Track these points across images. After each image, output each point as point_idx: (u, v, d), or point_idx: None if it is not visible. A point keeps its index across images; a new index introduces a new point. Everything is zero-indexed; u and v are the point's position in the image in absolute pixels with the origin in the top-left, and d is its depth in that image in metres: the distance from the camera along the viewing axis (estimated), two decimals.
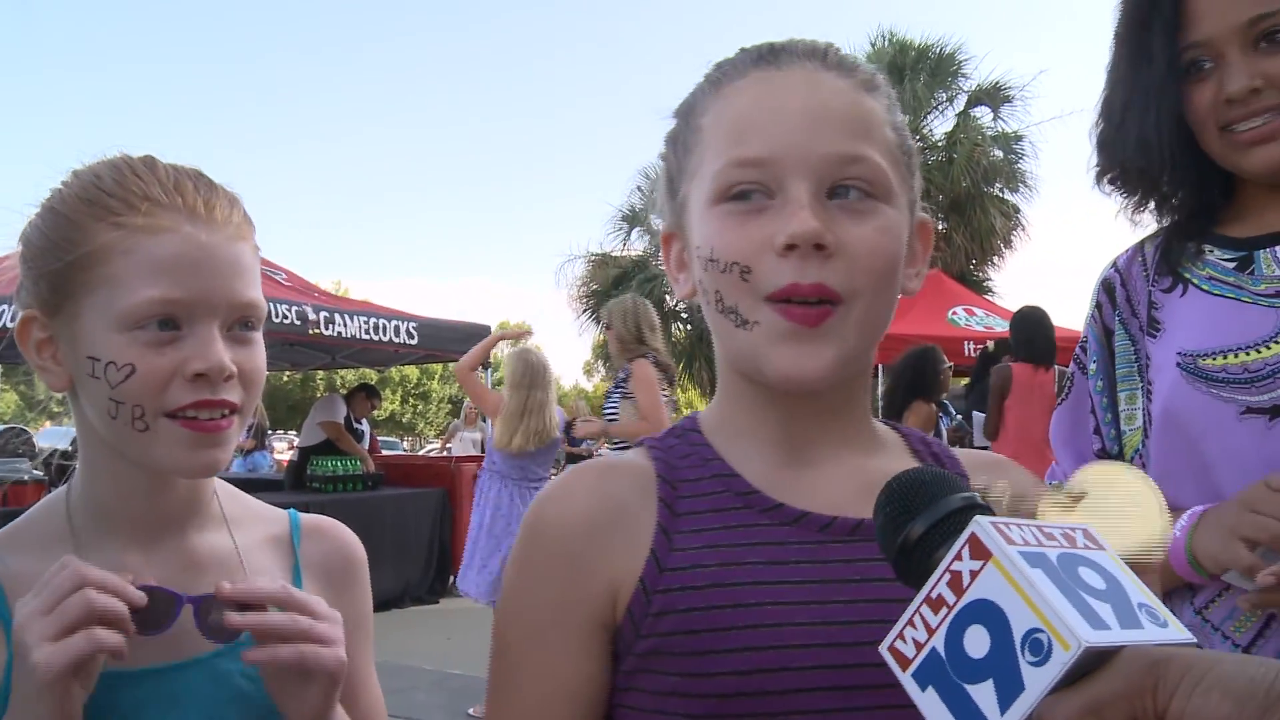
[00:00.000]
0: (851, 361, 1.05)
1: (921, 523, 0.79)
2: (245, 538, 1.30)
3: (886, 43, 24.15)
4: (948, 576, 0.73)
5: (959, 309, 14.11)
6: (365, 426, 11.36)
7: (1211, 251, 1.64)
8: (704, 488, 1.07)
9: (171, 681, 1.17)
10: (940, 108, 24.27)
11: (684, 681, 0.98)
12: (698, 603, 0.99)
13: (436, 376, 65.92)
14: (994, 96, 23.63)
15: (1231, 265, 1.60)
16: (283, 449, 22.09)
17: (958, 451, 1.20)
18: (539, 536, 1.07)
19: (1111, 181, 1.73)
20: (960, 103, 24.18)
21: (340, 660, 1.13)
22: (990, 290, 22.61)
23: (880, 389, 8.53)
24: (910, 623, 0.74)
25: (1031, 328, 7.21)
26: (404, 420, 64.71)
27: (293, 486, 10.45)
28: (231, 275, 1.18)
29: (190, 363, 1.13)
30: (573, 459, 9.52)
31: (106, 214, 1.15)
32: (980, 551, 0.71)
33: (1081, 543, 0.76)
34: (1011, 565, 0.69)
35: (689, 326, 25.37)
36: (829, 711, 0.97)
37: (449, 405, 69.05)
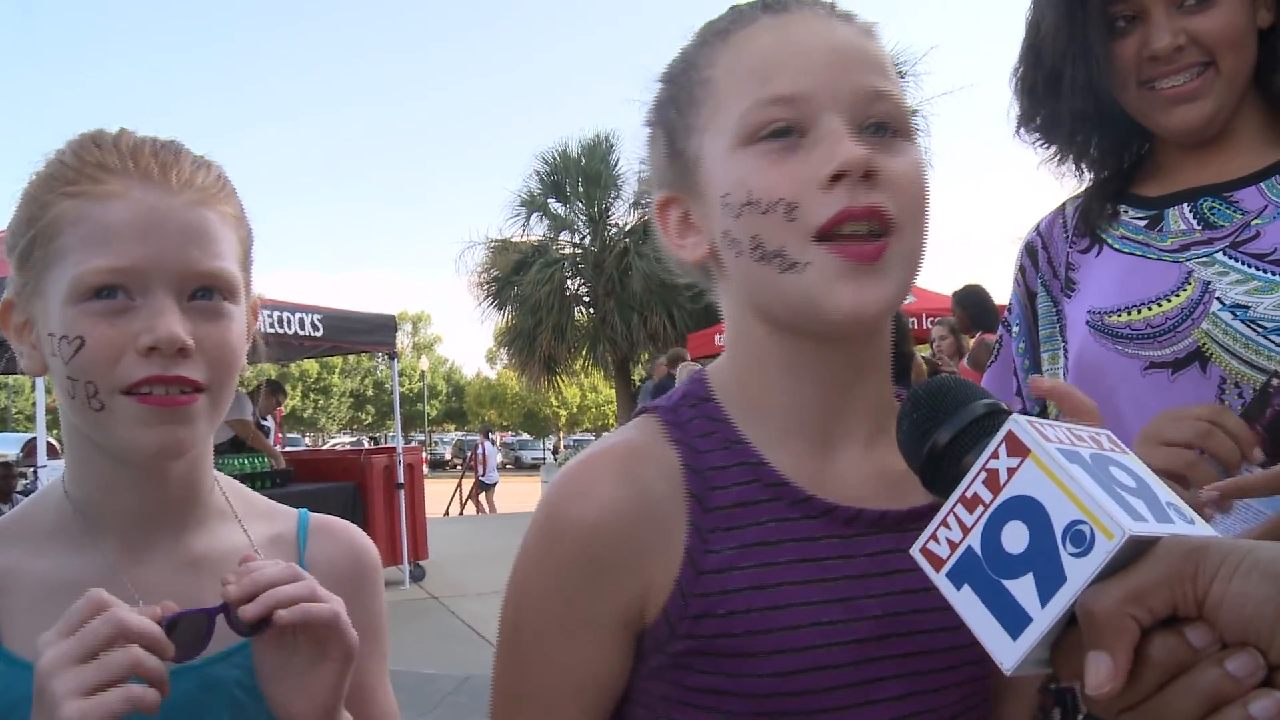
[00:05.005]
0: (902, 298, 1.00)
1: (948, 429, 0.79)
2: (246, 535, 1.24)
3: None
4: (984, 475, 0.72)
5: None
6: (271, 424, 11.06)
7: (1126, 211, 1.65)
8: (732, 477, 1.01)
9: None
10: None
11: (724, 680, 0.97)
12: (738, 605, 0.96)
13: (337, 370, 64.62)
14: None
15: (1143, 224, 1.62)
16: None
17: None
18: (561, 536, 1.00)
19: (1034, 129, 1.73)
20: None
21: (354, 640, 1.06)
22: None
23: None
24: (944, 523, 0.74)
25: (980, 302, 7.64)
26: (305, 416, 63.28)
27: None
28: (187, 241, 1.09)
29: (141, 335, 1.06)
30: None
31: (61, 185, 1.10)
32: (1018, 448, 0.71)
33: (1108, 445, 0.77)
34: (1051, 460, 0.69)
35: (591, 310, 25.27)
36: (862, 705, 0.98)
37: (350, 399, 67.89)
